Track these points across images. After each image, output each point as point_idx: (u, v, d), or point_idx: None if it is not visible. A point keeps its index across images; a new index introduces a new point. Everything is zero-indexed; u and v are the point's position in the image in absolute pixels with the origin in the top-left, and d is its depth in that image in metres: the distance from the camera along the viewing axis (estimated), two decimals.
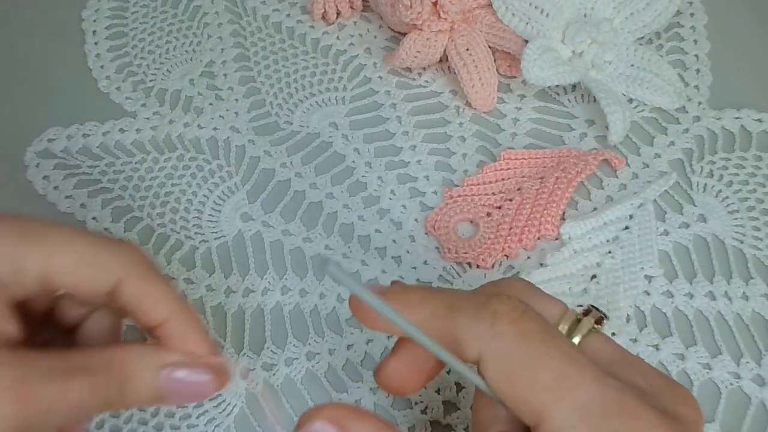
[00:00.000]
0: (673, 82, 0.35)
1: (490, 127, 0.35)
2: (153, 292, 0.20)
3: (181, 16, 0.40)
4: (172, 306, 0.20)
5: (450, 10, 0.34)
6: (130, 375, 0.19)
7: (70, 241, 0.19)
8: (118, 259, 0.20)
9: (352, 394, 0.28)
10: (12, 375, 0.17)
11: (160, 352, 0.20)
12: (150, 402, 0.20)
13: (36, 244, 0.19)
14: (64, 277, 0.19)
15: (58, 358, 0.18)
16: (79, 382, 0.18)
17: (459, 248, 0.31)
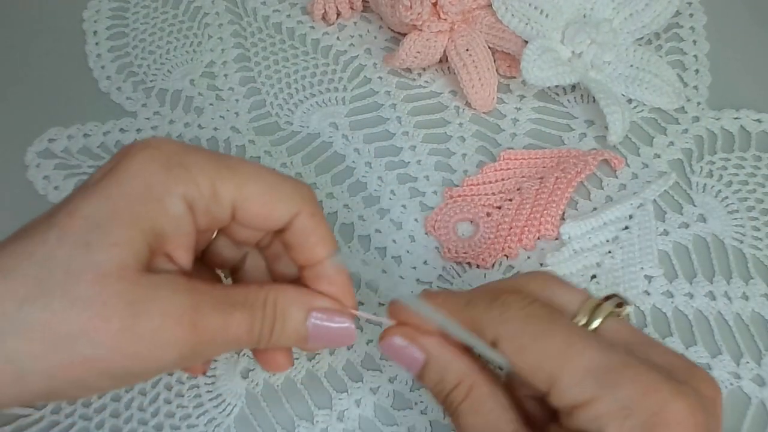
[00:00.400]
0: (673, 83, 0.35)
1: (490, 128, 0.35)
2: (320, 231, 0.21)
3: (181, 17, 0.40)
4: (330, 248, 0.21)
5: (450, 11, 0.34)
6: (281, 314, 0.20)
7: (259, 173, 0.20)
8: (300, 193, 0.21)
9: (352, 394, 0.28)
10: (187, 303, 0.18)
11: (311, 296, 0.21)
12: (294, 343, 0.21)
13: (230, 175, 0.19)
14: (252, 206, 0.20)
15: (223, 291, 0.20)
16: (239, 317, 0.19)
17: (459, 248, 0.31)
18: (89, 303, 0.17)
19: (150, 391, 0.28)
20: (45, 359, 0.17)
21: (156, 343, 0.18)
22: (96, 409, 0.27)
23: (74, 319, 0.17)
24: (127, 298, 0.17)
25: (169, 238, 0.19)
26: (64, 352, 0.17)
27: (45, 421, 0.27)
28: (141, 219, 0.18)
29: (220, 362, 0.29)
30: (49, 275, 0.17)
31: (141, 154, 0.19)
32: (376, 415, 0.28)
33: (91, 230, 0.18)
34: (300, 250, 0.21)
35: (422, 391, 0.28)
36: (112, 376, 0.18)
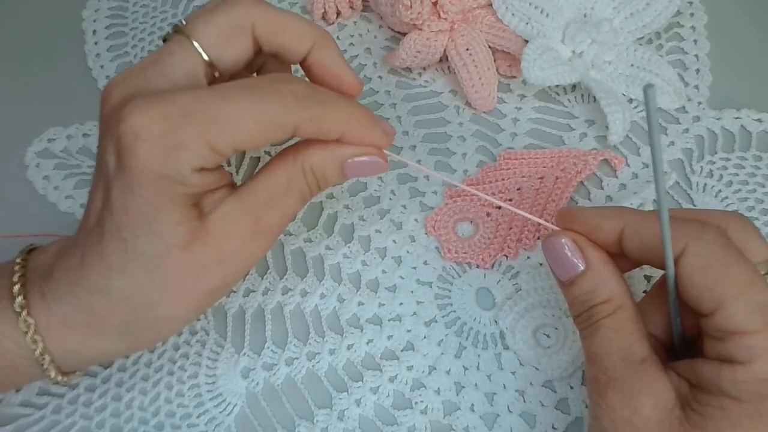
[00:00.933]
0: (673, 82, 0.35)
1: (490, 127, 0.35)
2: (324, 125, 0.22)
3: (181, 16, 0.40)
4: (345, 123, 0.23)
5: (450, 10, 0.34)
6: (321, 176, 0.23)
7: (246, 110, 0.21)
8: (289, 108, 0.22)
9: (353, 394, 0.28)
10: (249, 224, 0.22)
11: (338, 148, 0.23)
12: (338, 181, 0.25)
13: (223, 127, 0.21)
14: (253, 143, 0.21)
15: (266, 188, 0.23)
16: (291, 200, 0.23)
17: (459, 248, 0.31)
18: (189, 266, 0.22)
19: (150, 391, 0.28)
20: (188, 307, 0.23)
21: (247, 257, 0.23)
22: (97, 409, 0.27)
23: (187, 279, 0.22)
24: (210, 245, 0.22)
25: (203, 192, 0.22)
26: (195, 296, 0.22)
27: (45, 421, 0.27)
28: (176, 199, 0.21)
29: (220, 362, 0.29)
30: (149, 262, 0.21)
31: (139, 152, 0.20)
32: (376, 415, 0.28)
33: (151, 222, 0.21)
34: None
35: (422, 391, 0.28)
36: (233, 285, 0.24)
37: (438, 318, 0.29)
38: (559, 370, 0.28)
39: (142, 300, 0.22)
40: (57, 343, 0.22)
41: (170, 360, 0.29)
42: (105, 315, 0.22)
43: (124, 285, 0.21)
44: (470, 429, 0.27)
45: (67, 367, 0.23)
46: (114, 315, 0.22)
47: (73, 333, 0.22)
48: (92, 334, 0.22)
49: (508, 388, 0.28)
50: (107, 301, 0.22)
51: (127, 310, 0.22)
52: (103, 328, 0.22)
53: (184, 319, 0.24)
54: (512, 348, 0.29)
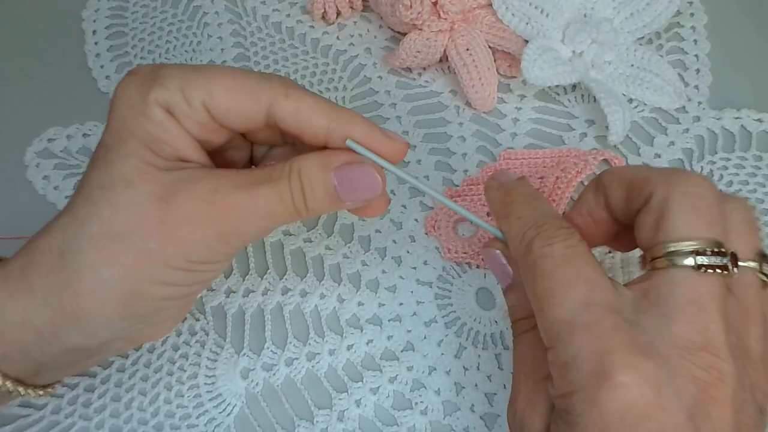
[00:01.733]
0: (673, 82, 0.35)
1: (490, 127, 0.35)
2: (305, 105, 0.21)
3: (181, 16, 0.40)
4: (328, 112, 0.21)
5: (450, 10, 0.34)
6: (307, 180, 0.21)
7: (224, 70, 0.21)
8: (269, 84, 0.21)
9: (352, 394, 0.28)
10: (207, 188, 0.20)
11: (331, 155, 0.22)
12: (330, 205, 0.22)
13: (196, 76, 0.21)
14: (221, 102, 0.21)
15: (245, 173, 0.21)
16: (264, 190, 0.21)
17: (459, 248, 0.31)
18: (127, 207, 0.20)
19: (150, 392, 0.28)
20: (114, 261, 0.20)
21: (192, 226, 0.20)
22: (96, 409, 0.27)
23: (121, 222, 0.20)
24: (156, 195, 0.20)
25: (166, 141, 0.21)
26: (126, 251, 0.20)
27: (45, 421, 0.27)
28: (134, 132, 0.21)
29: (219, 362, 0.29)
30: (91, 194, 0.20)
31: (122, 84, 0.21)
32: (376, 415, 0.28)
33: (107, 152, 0.21)
34: (298, 130, 0.22)
35: (422, 391, 0.28)
36: (174, 264, 0.21)
37: (438, 318, 0.29)
38: None
39: (72, 242, 0.20)
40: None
41: (169, 360, 0.28)
42: (37, 260, 0.20)
43: (64, 221, 0.20)
44: (470, 429, 0.27)
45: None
46: (47, 259, 0.20)
47: (5, 287, 0.20)
48: (21, 288, 0.20)
49: (509, 388, 0.28)
50: (46, 241, 0.20)
51: (57, 252, 0.20)
52: (31, 279, 0.20)
53: (108, 288, 0.20)
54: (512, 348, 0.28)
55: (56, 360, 0.22)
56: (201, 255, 0.21)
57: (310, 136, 0.22)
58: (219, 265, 0.23)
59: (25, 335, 0.21)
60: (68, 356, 0.22)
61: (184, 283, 0.22)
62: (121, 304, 0.21)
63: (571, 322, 0.19)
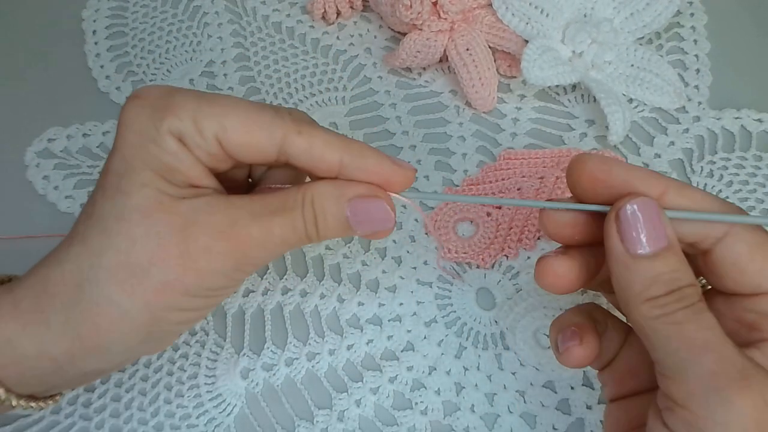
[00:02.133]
0: (673, 82, 0.35)
1: (490, 127, 0.35)
2: (317, 142, 0.21)
3: (181, 16, 0.40)
4: (340, 146, 0.21)
5: (450, 10, 0.34)
6: (320, 210, 0.21)
7: (238, 104, 0.21)
8: (282, 118, 0.21)
9: (353, 394, 0.28)
10: (225, 220, 0.21)
11: (344, 186, 0.22)
12: (341, 233, 0.22)
13: (211, 107, 0.21)
14: (234, 136, 0.21)
15: (260, 202, 0.21)
16: (280, 220, 0.21)
17: (459, 248, 0.31)
18: (145, 239, 0.20)
19: (150, 391, 0.28)
20: (134, 293, 0.20)
21: (211, 258, 0.20)
22: (96, 409, 0.27)
23: (140, 254, 0.20)
24: (174, 226, 0.20)
25: (179, 170, 0.21)
26: (146, 282, 0.20)
27: (45, 422, 0.27)
28: (148, 161, 0.20)
29: (219, 362, 0.29)
30: (107, 225, 0.20)
31: (131, 107, 0.21)
32: (376, 415, 0.28)
33: (120, 180, 0.20)
34: (310, 165, 0.22)
35: (422, 391, 0.28)
36: (193, 293, 0.21)
37: (438, 318, 0.29)
38: (560, 370, 0.28)
39: (89, 273, 0.20)
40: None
41: (169, 360, 0.28)
42: (51, 291, 0.20)
43: (78, 252, 0.20)
44: (470, 429, 0.27)
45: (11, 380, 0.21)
46: (59, 291, 0.20)
47: (17, 316, 0.20)
48: (34, 320, 0.20)
49: (509, 388, 0.28)
50: (59, 271, 0.20)
51: (71, 285, 0.20)
52: (45, 310, 0.20)
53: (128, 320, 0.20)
54: (513, 348, 0.29)
55: (71, 382, 0.22)
56: (218, 283, 0.21)
57: (322, 171, 0.22)
58: (233, 288, 0.23)
59: (41, 364, 0.21)
60: (83, 378, 0.23)
61: (200, 307, 0.22)
62: (140, 332, 0.21)
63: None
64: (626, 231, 0.20)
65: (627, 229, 0.20)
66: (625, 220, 0.20)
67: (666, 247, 0.19)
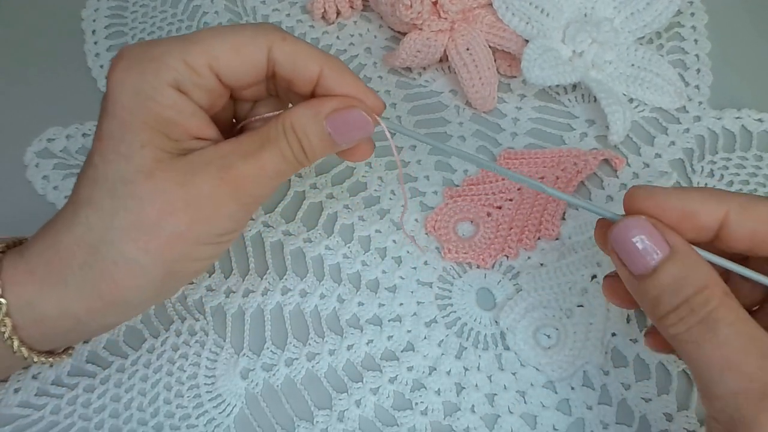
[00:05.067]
0: (674, 82, 0.35)
1: (490, 127, 0.35)
2: (301, 50, 0.22)
3: (180, 16, 0.40)
4: (322, 58, 0.23)
5: (450, 10, 0.34)
6: (302, 133, 0.22)
7: (220, 32, 0.22)
8: (264, 31, 0.22)
9: (353, 395, 0.28)
10: (219, 166, 0.21)
11: (319, 104, 0.22)
12: (328, 150, 0.23)
13: (197, 42, 0.21)
14: (226, 61, 0.22)
15: (247, 140, 0.22)
16: (268, 155, 0.22)
17: (459, 248, 0.31)
18: (152, 196, 0.21)
19: (149, 392, 0.28)
20: (148, 248, 0.21)
21: (215, 204, 0.21)
22: (95, 410, 0.27)
23: (150, 212, 0.21)
24: (176, 181, 0.21)
25: (180, 123, 0.21)
26: (159, 237, 0.21)
27: (44, 422, 0.27)
28: (146, 119, 0.21)
29: (219, 363, 0.29)
30: (115, 189, 0.21)
31: (118, 68, 0.21)
32: (376, 416, 0.27)
33: (119, 144, 0.21)
34: (294, 75, 0.23)
35: (422, 391, 0.28)
36: (204, 241, 0.22)
37: (438, 318, 0.29)
38: (560, 370, 0.28)
39: (104, 235, 0.21)
40: (16, 295, 0.21)
41: (169, 361, 0.28)
42: (65, 255, 0.21)
43: (88, 215, 0.21)
44: (471, 430, 0.27)
45: (34, 339, 0.22)
46: (74, 254, 0.21)
47: (34, 281, 0.21)
48: (51, 283, 0.21)
49: (509, 388, 0.28)
50: (71, 235, 0.21)
51: (86, 247, 0.21)
52: (62, 274, 0.21)
53: (146, 274, 0.22)
54: (513, 349, 0.28)
55: (90, 335, 0.24)
56: (227, 226, 0.22)
57: (303, 80, 0.23)
58: (241, 230, 0.24)
59: (63, 323, 0.22)
60: (102, 330, 0.24)
61: (212, 254, 0.23)
62: (157, 285, 0.22)
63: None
64: (622, 256, 0.19)
65: (622, 255, 0.19)
66: (618, 247, 0.19)
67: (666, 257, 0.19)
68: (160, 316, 0.29)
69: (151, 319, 0.29)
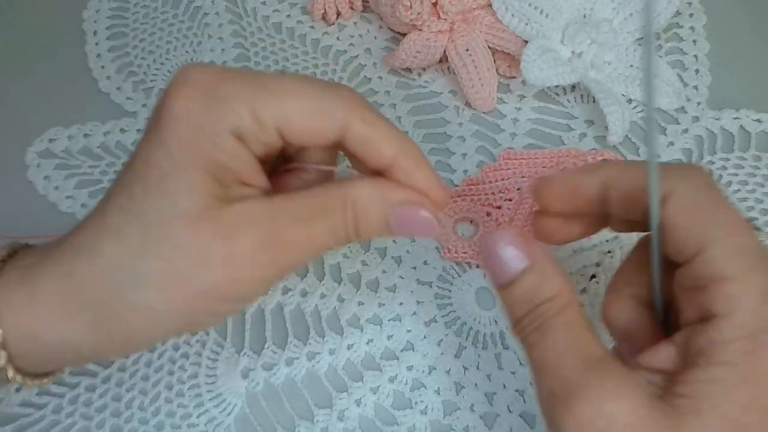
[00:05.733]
0: (672, 83, 0.35)
1: (490, 128, 0.35)
2: (377, 133, 0.21)
3: (181, 17, 0.40)
4: (398, 144, 0.21)
5: (450, 11, 0.34)
6: (362, 213, 0.21)
7: (296, 86, 0.20)
8: (344, 103, 0.20)
9: (353, 394, 0.28)
10: (268, 226, 0.20)
11: (389, 190, 0.21)
12: (381, 235, 0.21)
13: (269, 97, 0.19)
14: (296, 125, 0.20)
15: (302, 202, 0.20)
16: (320, 226, 0.20)
17: (459, 248, 0.31)
18: (190, 247, 0.19)
19: (150, 391, 0.28)
20: (173, 299, 0.19)
21: (253, 267, 0.20)
22: (97, 409, 0.27)
23: (184, 262, 0.19)
24: (219, 234, 0.19)
25: (234, 170, 0.20)
26: (186, 290, 0.19)
27: (46, 421, 0.27)
28: (200, 161, 0.19)
29: (220, 362, 0.29)
30: (149, 228, 0.19)
31: (179, 97, 0.19)
32: (376, 415, 0.28)
33: (164, 179, 0.19)
34: (365, 155, 0.21)
35: (422, 390, 0.28)
36: (232, 299, 0.20)
37: (438, 318, 0.29)
38: None
39: (126, 276, 0.19)
40: (15, 323, 0.19)
41: (170, 360, 0.29)
42: (79, 287, 0.19)
43: (113, 250, 0.19)
44: (470, 429, 0.27)
45: (26, 365, 0.20)
46: (90, 288, 0.19)
47: (37, 309, 0.19)
48: (58, 314, 0.19)
49: (508, 387, 0.28)
50: (88, 267, 0.19)
51: (105, 284, 0.19)
52: (72, 306, 0.19)
53: (163, 324, 0.20)
54: (512, 348, 0.29)
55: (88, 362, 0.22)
56: (258, 290, 0.21)
57: (373, 162, 0.21)
58: (267, 291, 0.23)
59: (64, 355, 0.21)
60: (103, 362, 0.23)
61: (233, 311, 0.22)
62: (171, 333, 0.21)
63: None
64: (487, 266, 0.21)
65: (487, 265, 0.21)
66: (485, 256, 0.21)
67: (522, 271, 0.20)
68: None
69: None
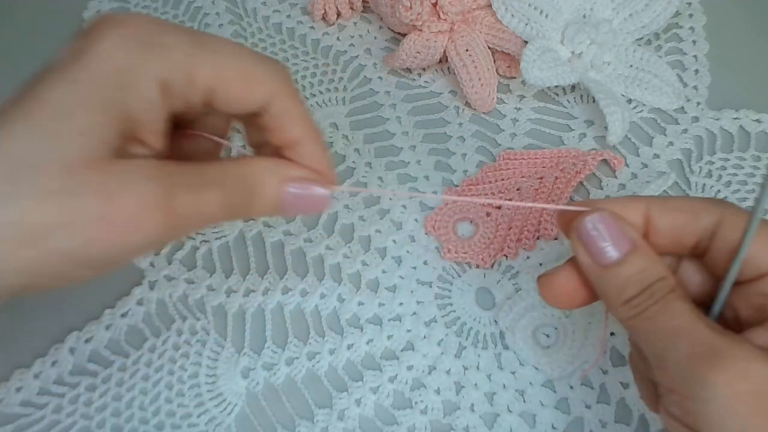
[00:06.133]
0: (672, 83, 0.35)
1: (490, 128, 0.35)
2: (296, 109, 0.21)
3: (182, 17, 0.40)
4: (308, 125, 0.21)
5: (449, 11, 0.34)
6: (257, 189, 0.20)
7: (239, 53, 0.19)
8: (276, 74, 0.20)
9: (353, 394, 0.28)
10: (161, 188, 0.18)
11: (286, 166, 0.21)
12: (270, 213, 0.21)
13: (211, 54, 0.18)
14: (229, 90, 0.19)
15: (197, 170, 0.19)
16: (213, 195, 0.19)
17: (459, 248, 0.31)
18: (60, 196, 0.17)
19: (151, 391, 0.28)
20: (18, 256, 0.17)
21: (131, 230, 0.17)
22: (97, 408, 0.28)
23: (46, 214, 0.16)
24: (99, 188, 0.17)
25: (140, 124, 0.18)
26: (38, 247, 0.17)
27: (46, 420, 0.27)
28: (111, 105, 0.17)
29: (220, 362, 0.29)
30: (17, 170, 0.16)
31: (112, 33, 0.18)
32: (376, 415, 0.28)
33: (57, 119, 0.17)
34: (277, 131, 0.21)
35: (422, 390, 0.28)
36: (89, 265, 0.18)
37: (438, 318, 0.29)
38: (559, 369, 0.28)
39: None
40: None
41: (170, 360, 0.29)
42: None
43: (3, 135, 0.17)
44: (470, 429, 0.27)
45: None
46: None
47: None
48: None
49: (508, 387, 0.28)
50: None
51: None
52: None
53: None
54: (512, 348, 0.29)
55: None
56: (123, 258, 0.19)
57: (280, 138, 0.21)
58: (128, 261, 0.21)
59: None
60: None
61: (88, 276, 0.19)
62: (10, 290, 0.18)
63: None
64: (590, 246, 0.21)
65: (590, 244, 0.21)
66: (586, 236, 0.21)
67: (630, 250, 0.20)
68: (161, 316, 0.30)
69: (152, 318, 0.30)
